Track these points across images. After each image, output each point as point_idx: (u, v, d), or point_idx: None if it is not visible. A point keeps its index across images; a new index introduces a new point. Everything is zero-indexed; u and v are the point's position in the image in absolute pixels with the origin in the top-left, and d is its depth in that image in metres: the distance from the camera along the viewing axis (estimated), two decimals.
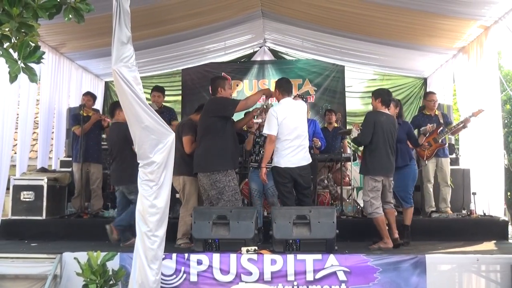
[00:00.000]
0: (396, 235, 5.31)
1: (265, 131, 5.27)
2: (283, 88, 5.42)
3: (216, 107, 5.30)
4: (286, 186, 5.26)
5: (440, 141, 6.62)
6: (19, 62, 2.27)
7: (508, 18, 6.08)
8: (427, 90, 7.41)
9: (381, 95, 5.47)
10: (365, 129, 5.36)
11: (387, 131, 5.32)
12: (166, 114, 6.84)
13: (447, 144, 6.73)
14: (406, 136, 5.85)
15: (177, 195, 5.88)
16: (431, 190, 6.72)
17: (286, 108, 5.29)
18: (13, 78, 2.27)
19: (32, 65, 2.35)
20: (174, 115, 7.25)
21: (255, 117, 5.83)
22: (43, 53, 2.38)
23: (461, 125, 6.62)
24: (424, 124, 6.78)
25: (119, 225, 5.43)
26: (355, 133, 5.69)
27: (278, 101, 5.42)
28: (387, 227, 5.32)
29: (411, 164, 5.78)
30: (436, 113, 6.83)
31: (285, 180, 5.23)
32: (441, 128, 6.64)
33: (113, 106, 6.15)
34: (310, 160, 5.37)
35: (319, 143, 6.75)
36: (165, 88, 8.65)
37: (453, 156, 7.32)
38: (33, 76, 2.34)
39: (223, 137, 5.22)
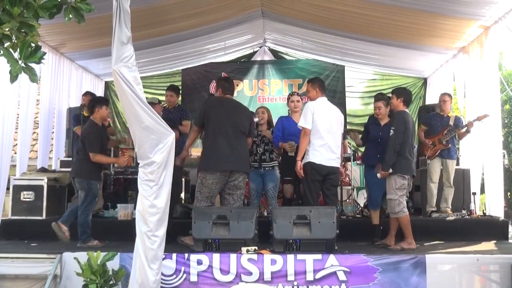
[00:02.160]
0: (413, 246, 5.17)
1: (301, 123, 5.27)
2: (322, 87, 5.52)
3: (253, 122, 5.49)
4: (315, 185, 5.26)
5: (444, 142, 6.63)
6: (19, 62, 2.27)
7: (508, 18, 6.08)
8: (443, 92, 7.40)
9: (404, 95, 5.43)
10: (400, 128, 5.25)
11: (411, 131, 5.32)
12: (176, 113, 6.61)
13: (449, 146, 6.71)
14: None
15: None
16: (434, 190, 6.71)
17: (323, 106, 5.36)
18: (14, 78, 2.27)
19: (32, 65, 2.35)
20: (186, 115, 6.81)
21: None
22: (44, 53, 2.37)
23: (465, 128, 6.63)
24: (433, 122, 6.84)
25: (66, 221, 5.42)
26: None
27: (313, 99, 5.43)
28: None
29: None
30: (450, 114, 6.87)
31: (319, 176, 5.23)
32: (448, 129, 6.65)
33: (92, 102, 5.95)
34: (339, 165, 5.41)
35: None
36: (165, 88, 8.57)
37: None
38: (33, 76, 2.34)
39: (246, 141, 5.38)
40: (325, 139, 5.21)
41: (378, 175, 5.28)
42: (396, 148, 5.18)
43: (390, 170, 5.20)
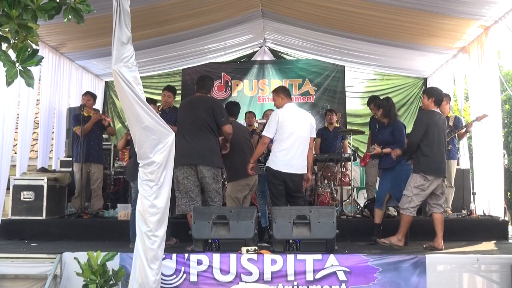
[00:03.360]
0: (441, 246, 5.10)
1: (264, 132, 5.40)
2: (286, 93, 5.57)
3: (220, 112, 5.36)
4: (277, 188, 5.32)
5: None
6: (17, 65, 2.26)
7: (508, 18, 6.08)
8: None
9: (435, 95, 5.35)
10: (418, 128, 5.23)
11: (441, 131, 5.24)
12: (172, 114, 6.59)
13: (450, 147, 6.71)
14: (391, 137, 5.71)
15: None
16: None
17: (289, 112, 5.40)
18: (9, 82, 2.27)
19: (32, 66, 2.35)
20: None
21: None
22: (42, 57, 2.37)
23: (464, 129, 6.64)
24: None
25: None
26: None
27: (280, 107, 5.49)
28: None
29: (402, 163, 5.63)
30: (449, 115, 6.87)
31: (277, 181, 5.29)
32: (447, 130, 6.65)
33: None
34: (305, 171, 5.38)
35: None
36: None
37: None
38: (29, 80, 2.33)
39: (217, 138, 5.36)
40: (286, 145, 5.26)
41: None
42: (412, 146, 5.21)
43: (390, 150, 5.42)
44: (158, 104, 6.90)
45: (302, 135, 5.36)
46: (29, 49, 2.31)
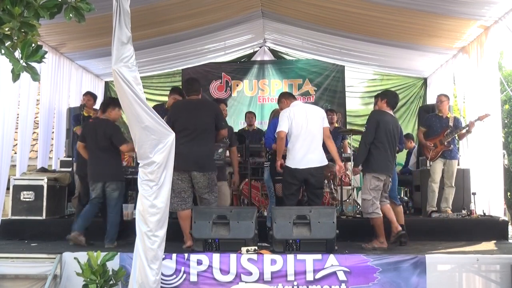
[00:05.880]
0: (399, 228, 5.26)
1: (278, 128, 5.37)
2: (288, 97, 5.66)
3: (221, 116, 5.38)
4: (291, 187, 5.31)
5: (446, 143, 6.64)
6: (21, 61, 2.27)
7: (508, 18, 6.08)
8: (440, 93, 7.41)
9: (387, 97, 5.47)
10: (369, 127, 5.33)
11: (391, 131, 5.31)
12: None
13: (451, 147, 6.71)
14: None
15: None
16: (436, 190, 6.71)
17: (298, 109, 5.41)
18: (16, 77, 2.28)
19: (33, 64, 2.35)
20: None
21: None
22: (45, 52, 2.37)
23: (466, 129, 6.65)
24: (433, 123, 6.85)
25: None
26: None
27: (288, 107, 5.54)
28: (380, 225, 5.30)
29: None
30: (448, 115, 6.89)
31: (294, 181, 5.29)
32: (448, 130, 6.66)
33: (107, 102, 5.98)
34: (325, 162, 5.38)
35: None
36: (165, 88, 8.63)
37: None
38: (35, 75, 2.34)
39: (214, 141, 5.33)
40: (300, 141, 5.26)
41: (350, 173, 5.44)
42: (364, 146, 5.28)
43: (361, 167, 5.39)
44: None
45: (314, 129, 5.34)
46: (33, 45, 2.31)
